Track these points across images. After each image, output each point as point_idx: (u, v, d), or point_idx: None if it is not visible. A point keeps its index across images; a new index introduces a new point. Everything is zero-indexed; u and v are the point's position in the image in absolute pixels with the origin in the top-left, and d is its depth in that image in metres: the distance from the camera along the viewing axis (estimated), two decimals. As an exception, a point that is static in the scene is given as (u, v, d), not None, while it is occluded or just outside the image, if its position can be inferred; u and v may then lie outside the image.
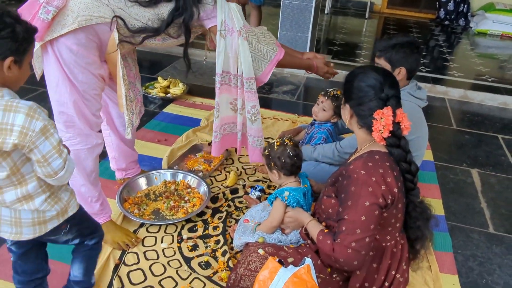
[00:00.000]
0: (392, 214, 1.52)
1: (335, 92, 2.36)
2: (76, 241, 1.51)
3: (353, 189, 1.48)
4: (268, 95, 3.88)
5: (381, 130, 1.50)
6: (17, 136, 1.14)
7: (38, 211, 1.31)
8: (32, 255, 1.47)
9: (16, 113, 1.14)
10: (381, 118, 1.50)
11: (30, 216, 1.31)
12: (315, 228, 1.65)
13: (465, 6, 6.89)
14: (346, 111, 1.63)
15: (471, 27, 6.79)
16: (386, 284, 1.60)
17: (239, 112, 2.06)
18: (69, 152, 1.33)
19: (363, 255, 1.47)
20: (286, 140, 1.85)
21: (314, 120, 2.47)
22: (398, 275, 1.61)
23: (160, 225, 2.12)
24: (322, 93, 2.41)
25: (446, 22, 7.01)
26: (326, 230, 1.60)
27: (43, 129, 1.17)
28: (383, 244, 1.58)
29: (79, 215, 1.45)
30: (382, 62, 2.09)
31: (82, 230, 1.50)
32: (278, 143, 1.84)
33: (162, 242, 2.02)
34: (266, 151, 1.86)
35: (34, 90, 3.52)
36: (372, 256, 1.58)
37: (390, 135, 1.50)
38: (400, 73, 2.07)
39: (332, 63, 2.36)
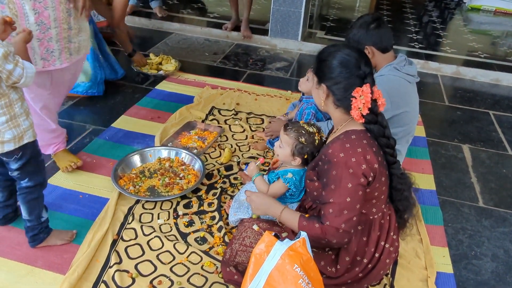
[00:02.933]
0: (375, 188, 1.55)
1: None
2: (16, 173, 1.68)
3: (334, 173, 1.49)
4: (261, 72, 3.86)
5: (360, 108, 1.50)
6: None
7: None
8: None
9: None
10: (361, 96, 1.49)
11: None
12: (292, 216, 1.61)
13: (459, -19, 6.84)
14: (320, 92, 1.60)
15: (465, 3, 6.74)
16: (377, 255, 1.64)
17: None
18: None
19: (352, 233, 1.52)
20: (322, 135, 1.81)
21: (303, 94, 2.49)
22: (387, 245, 1.65)
23: (156, 202, 2.13)
24: (312, 66, 2.43)
25: (440, -2, 6.96)
26: (307, 215, 1.60)
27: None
28: (371, 217, 1.61)
29: (33, 151, 1.67)
30: None
31: (26, 167, 1.68)
32: (318, 138, 1.78)
33: (158, 218, 2.04)
34: (303, 140, 1.76)
35: None
36: (361, 230, 1.61)
37: (368, 112, 1.50)
38: (369, 52, 2.06)
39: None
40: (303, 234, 1.46)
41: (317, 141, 1.77)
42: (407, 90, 2.12)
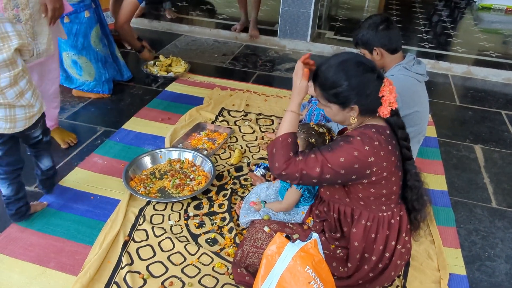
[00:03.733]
0: (381, 185, 1.54)
1: None
2: (40, 136, 1.89)
3: (341, 144, 1.49)
4: (270, 73, 3.86)
5: (390, 102, 1.50)
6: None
7: (29, 106, 1.70)
8: (14, 149, 1.83)
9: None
10: (389, 92, 1.50)
11: (23, 112, 1.70)
12: (290, 124, 1.58)
13: (469, -20, 6.79)
14: (351, 113, 1.54)
15: (475, 2, 6.68)
16: (387, 254, 1.63)
17: None
18: None
19: (299, 183, 1.53)
20: (333, 134, 1.79)
21: (312, 96, 2.48)
22: (399, 246, 1.64)
23: (167, 203, 2.14)
24: None
25: (450, -3, 6.91)
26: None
27: None
28: (380, 214, 1.60)
29: (43, 114, 1.88)
30: (361, 50, 2.11)
31: (44, 126, 1.91)
32: (329, 138, 1.75)
33: (169, 219, 2.05)
34: (314, 140, 1.76)
35: None
36: (369, 226, 1.60)
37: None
38: (378, 54, 2.06)
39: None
40: (315, 236, 1.45)
41: (327, 141, 1.76)
42: (417, 89, 2.12)
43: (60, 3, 2.18)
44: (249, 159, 2.54)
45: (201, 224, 2.04)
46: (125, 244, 1.88)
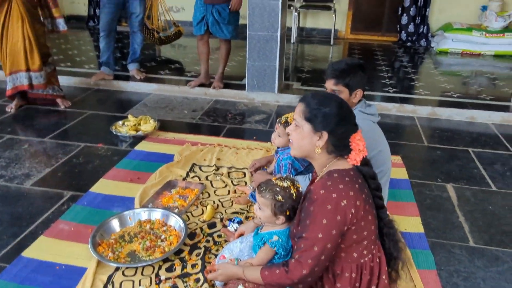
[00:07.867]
0: (361, 227, 1.52)
1: (286, 118, 2.34)
2: None
3: (311, 209, 1.49)
4: (241, 126, 3.87)
5: (361, 150, 1.54)
6: None
7: None
8: None
9: None
10: (359, 140, 1.54)
11: None
12: (255, 271, 1.63)
13: (425, 27, 7.16)
14: (316, 139, 1.56)
15: (433, 47, 7.03)
16: None
17: None
18: None
19: (317, 272, 1.50)
20: (298, 186, 1.76)
21: (278, 147, 2.49)
22: None
23: (137, 268, 2.03)
24: (277, 120, 2.42)
25: (408, 44, 7.25)
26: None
27: None
28: (361, 261, 1.57)
29: None
30: (340, 88, 2.12)
31: None
32: (295, 190, 1.72)
33: (140, 285, 1.94)
34: (280, 197, 1.70)
35: None
36: (354, 277, 1.56)
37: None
38: (357, 96, 2.15)
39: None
40: (290, 292, 1.39)
41: (294, 194, 1.72)
42: (376, 130, 2.21)
43: None
44: (222, 214, 2.47)
45: (173, 288, 1.93)
46: (92, 316, 1.76)
